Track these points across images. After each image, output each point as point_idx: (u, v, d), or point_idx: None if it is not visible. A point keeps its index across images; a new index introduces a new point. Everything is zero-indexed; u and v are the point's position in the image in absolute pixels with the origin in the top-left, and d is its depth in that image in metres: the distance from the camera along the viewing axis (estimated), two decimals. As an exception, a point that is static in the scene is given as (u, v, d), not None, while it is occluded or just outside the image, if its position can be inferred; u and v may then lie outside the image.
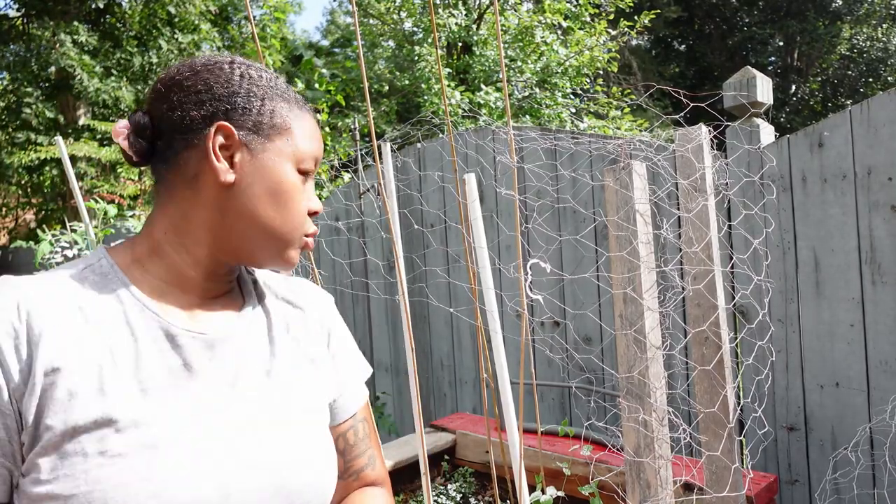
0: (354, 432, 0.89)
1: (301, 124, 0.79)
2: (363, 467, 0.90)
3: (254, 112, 0.75)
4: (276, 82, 0.78)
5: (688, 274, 1.54)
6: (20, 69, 8.54)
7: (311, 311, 0.88)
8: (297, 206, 0.77)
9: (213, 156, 0.73)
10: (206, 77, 0.75)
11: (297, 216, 0.78)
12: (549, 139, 2.90)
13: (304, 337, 0.85)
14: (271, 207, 0.75)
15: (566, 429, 2.32)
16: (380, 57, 10.76)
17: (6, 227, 10.66)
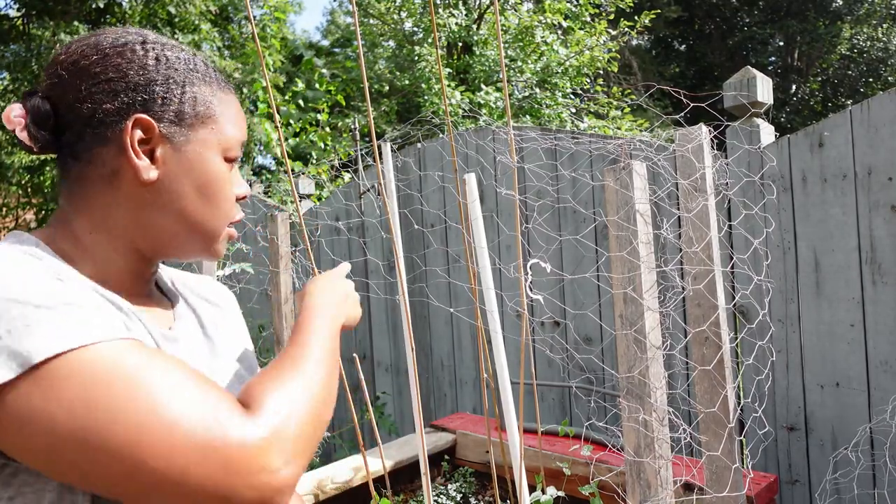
0: None
1: (225, 109, 0.75)
2: None
3: (175, 101, 0.69)
4: (195, 63, 0.73)
5: (688, 274, 1.54)
6: (20, 69, 8.54)
7: (226, 307, 0.90)
8: (226, 197, 0.75)
9: (132, 153, 0.67)
10: (117, 62, 0.68)
11: (226, 207, 0.75)
12: (550, 139, 2.90)
13: (228, 330, 0.86)
14: (199, 202, 0.72)
15: (566, 429, 2.32)
16: (380, 57, 10.76)
17: (6, 227, 10.67)
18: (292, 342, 0.70)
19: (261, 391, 0.60)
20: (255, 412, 0.57)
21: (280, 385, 0.61)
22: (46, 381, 0.51)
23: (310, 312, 0.76)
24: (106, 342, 0.55)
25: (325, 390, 0.66)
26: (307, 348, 0.69)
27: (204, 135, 0.71)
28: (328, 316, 0.77)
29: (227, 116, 0.75)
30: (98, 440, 0.51)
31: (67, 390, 0.51)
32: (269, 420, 0.57)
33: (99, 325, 0.56)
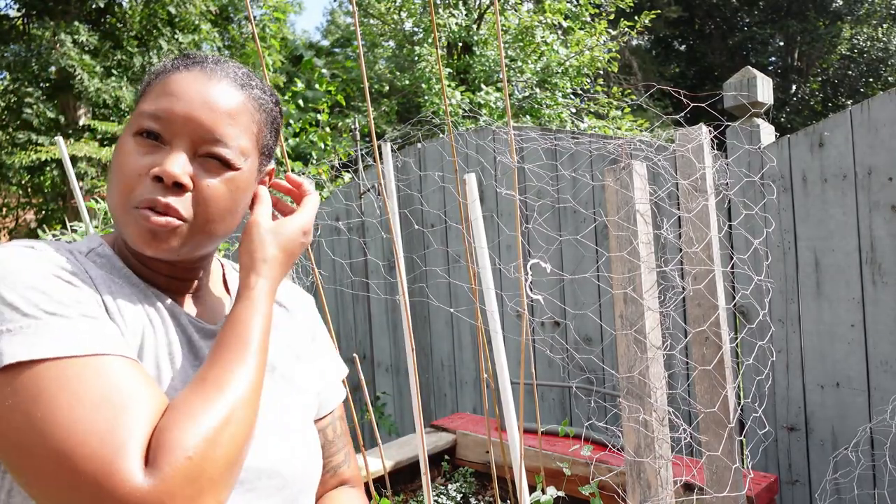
0: (333, 429, 0.92)
1: (157, 85, 0.71)
2: (340, 464, 0.93)
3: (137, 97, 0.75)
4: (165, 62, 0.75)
5: (688, 274, 1.54)
6: (20, 69, 8.54)
7: (296, 311, 0.89)
8: (120, 170, 0.68)
9: None
10: None
11: (120, 181, 0.68)
12: (550, 139, 2.90)
13: (292, 335, 0.86)
14: (110, 181, 0.71)
15: (566, 429, 2.32)
16: (380, 57, 10.76)
17: (6, 227, 10.66)
18: (224, 339, 0.65)
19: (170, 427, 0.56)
20: (154, 460, 0.53)
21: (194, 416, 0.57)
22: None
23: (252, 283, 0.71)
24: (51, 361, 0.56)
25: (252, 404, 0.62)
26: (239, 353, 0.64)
27: (132, 118, 0.72)
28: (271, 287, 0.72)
29: (150, 95, 0.71)
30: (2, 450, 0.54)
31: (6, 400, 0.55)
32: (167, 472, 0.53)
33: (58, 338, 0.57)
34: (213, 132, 0.70)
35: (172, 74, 0.71)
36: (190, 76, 0.71)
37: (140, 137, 0.69)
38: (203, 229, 0.71)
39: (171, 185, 0.67)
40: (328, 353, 0.94)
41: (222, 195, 0.71)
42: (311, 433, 0.82)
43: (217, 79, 0.72)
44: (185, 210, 0.68)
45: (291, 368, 0.82)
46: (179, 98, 0.69)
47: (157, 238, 0.67)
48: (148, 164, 0.68)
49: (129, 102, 8.55)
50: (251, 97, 0.74)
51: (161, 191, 0.67)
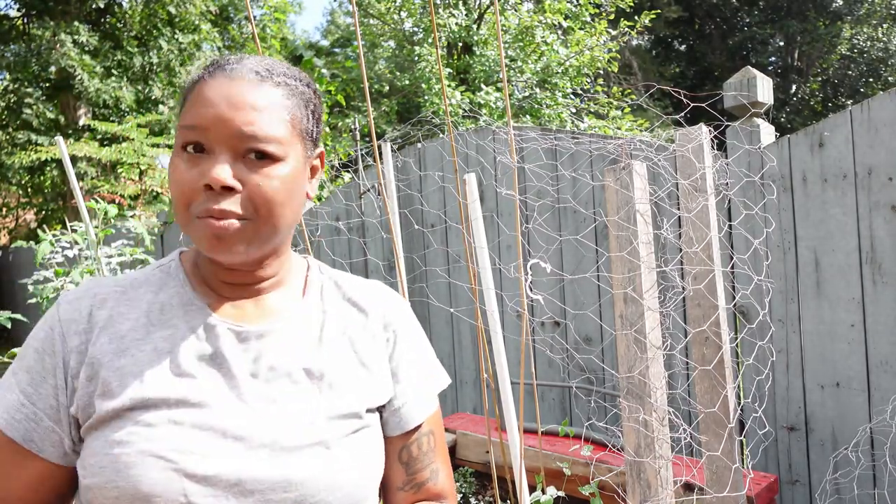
0: (418, 445, 0.87)
1: (193, 96, 0.74)
2: (425, 480, 0.87)
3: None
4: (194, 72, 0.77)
5: (688, 274, 1.54)
6: (21, 69, 8.54)
7: (374, 315, 0.86)
8: (176, 186, 0.73)
9: None
10: None
11: (179, 196, 0.72)
12: (550, 139, 2.90)
13: (361, 340, 0.83)
14: (173, 196, 0.74)
15: (566, 429, 2.32)
16: (380, 57, 10.76)
17: (6, 227, 10.67)
18: None
19: None
20: None
21: None
22: None
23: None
24: None
25: None
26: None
27: (176, 134, 0.75)
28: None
29: (186, 108, 0.74)
30: None
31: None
32: None
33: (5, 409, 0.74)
34: (244, 130, 0.71)
35: (200, 84, 0.74)
36: (215, 82, 0.73)
37: (185, 152, 0.72)
38: (265, 224, 0.73)
39: (221, 190, 0.71)
40: (415, 363, 0.88)
41: (273, 188, 0.73)
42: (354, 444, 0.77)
43: (238, 77, 0.74)
44: (241, 209, 0.72)
45: (346, 377, 0.80)
46: (208, 105, 0.72)
47: (224, 241, 0.71)
48: (197, 176, 0.71)
49: (129, 102, 8.55)
50: (276, 85, 0.75)
51: (214, 198, 0.71)
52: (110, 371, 0.72)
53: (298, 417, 0.74)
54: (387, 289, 0.92)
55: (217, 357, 0.75)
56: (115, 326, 0.75)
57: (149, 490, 0.66)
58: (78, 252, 2.79)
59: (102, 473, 0.68)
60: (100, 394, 0.71)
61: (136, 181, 8.05)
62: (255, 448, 0.71)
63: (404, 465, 0.86)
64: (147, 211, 7.86)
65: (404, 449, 0.86)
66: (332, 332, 0.82)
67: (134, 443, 0.68)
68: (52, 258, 2.94)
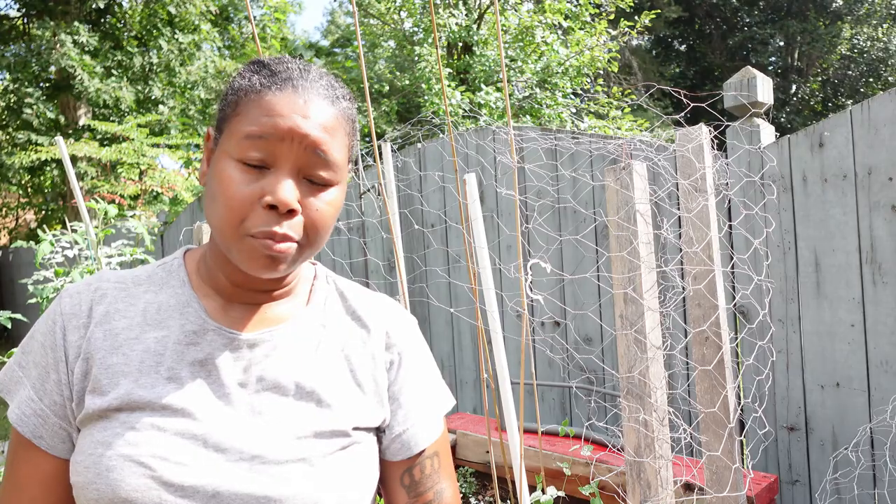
0: (421, 469, 0.84)
1: (252, 108, 0.71)
2: (430, 501, 0.85)
3: (221, 110, 0.75)
4: (248, 77, 0.73)
5: (688, 274, 1.54)
6: (21, 69, 8.54)
7: (377, 334, 0.84)
8: (227, 199, 0.69)
9: (202, 159, 0.77)
10: None
11: (228, 210, 0.69)
12: (550, 139, 2.90)
13: (358, 358, 0.81)
14: (211, 205, 0.72)
15: (566, 429, 2.32)
16: (380, 57, 10.76)
17: (7, 227, 10.67)
18: None
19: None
20: None
21: None
22: None
23: None
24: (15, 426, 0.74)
25: None
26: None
27: (226, 136, 0.72)
28: None
29: (248, 115, 0.70)
30: None
31: None
32: None
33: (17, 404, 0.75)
34: (315, 153, 0.70)
35: (266, 94, 0.70)
36: (284, 96, 0.70)
37: (242, 164, 0.70)
38: (311, 247, 0.73)
39: (286, 212, 0.69)
40: (418, 386, 0.85)
41: (327, 213, 0.72)
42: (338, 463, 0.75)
43: (312, 97, 0.71)
44: (298, 234, 0.70)
45: (338, 394, 0.77)
46: (281, 117, 0.69)
47: (276, 263, 0.70)
48: (258, 192, 0.69)
49: (130, 103, 8.55)
50: (342, 111, 0.74)
51: (276, 219, 0.69)
52: (101, 368, 0.71)
53: (283, 432, 0.72)
54: (393, 304, 0.89)
55: (207, 364, 0.73)
56: (110, 323, 0.74)
57: (126, 496, 0.66)
58: (78, 252, 2.79)
59: (85, 473, 0.68)
60: (90, 390, 0.71)
61: (136, 181, 8.04)
62: (235, 460, 0.69)
63: (406, 489, 0.83)
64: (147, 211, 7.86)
65: (406, 473, 0.83)
66: (329, 346, 0.80)
67: (116, 445, 0.68)
68: (52, 258, 2.94)
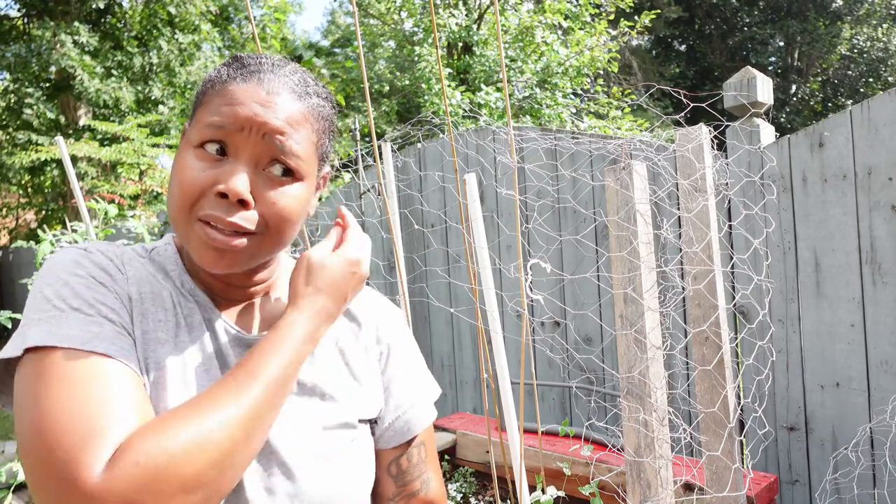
0: (408, 458, 0.86)
1: (215, 98, 0.70)
2: (416, 491, 0.87)
3: (193, 104, 0.74)
4: (220, 68, 0.73)
5: (688, 274, 1.54)
6: (21, 69, 8.54)
7: (367, 326, 0.85)
8: (180, 184, 0.68)
9: None
10: None
11: (180, 195, 0.68)
12: (550, 139, 2.90)
13: (352, 352, 0.82)
14: (170, 190, 0.70)
15: (566, 429, 2.32)
16: (380, 57, 10.76)
17: (7, 227, 10.67)
18: (237, 365, 0.66)
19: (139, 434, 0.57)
20: (113, 460, 0.55)
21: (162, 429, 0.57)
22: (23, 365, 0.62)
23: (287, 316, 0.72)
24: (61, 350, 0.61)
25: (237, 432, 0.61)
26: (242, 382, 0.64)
27: (190, 127, 0.72)
28: (311, 321, 0.72)
29: (211, 104, 0.70)
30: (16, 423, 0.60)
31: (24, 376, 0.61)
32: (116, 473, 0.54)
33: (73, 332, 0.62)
34: (276, 140, 0.69)
35: (230, 85, 0.70)
36: (248, 87, 0.70)
37: (202, 150, 0.69)
38: (270, 241, 0.71)
39: (236, 202, 0.68)
40: (409, 377, 0.87)
41: (288, 206, 0.71)
42: (348, 456, 0.76)
43: (276, 89, 0.71)
44: (250, 224, 0.68)
45: (338, 388, 0.79)
46: (241, 106, 0.68)
47: (225, 258, 0.68)
48: (212, 179, 0.68)
49: (130, 103, 8.55)
50: (310, 106, 0.73)
51: (225, 208, 0.67)
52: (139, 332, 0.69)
53: (296, 428, 0.73)
54: (380, 297, 0.90)
55: (224, 368, 0.73)
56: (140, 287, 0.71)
57: None
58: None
59: None
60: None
61: (136, 181, 8.05)
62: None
63: (393, 478, 0.85)
64: (147, 211, 7.86)
65: (393, 462, 0.85)
66: (324, 342, 0.80)
67: None
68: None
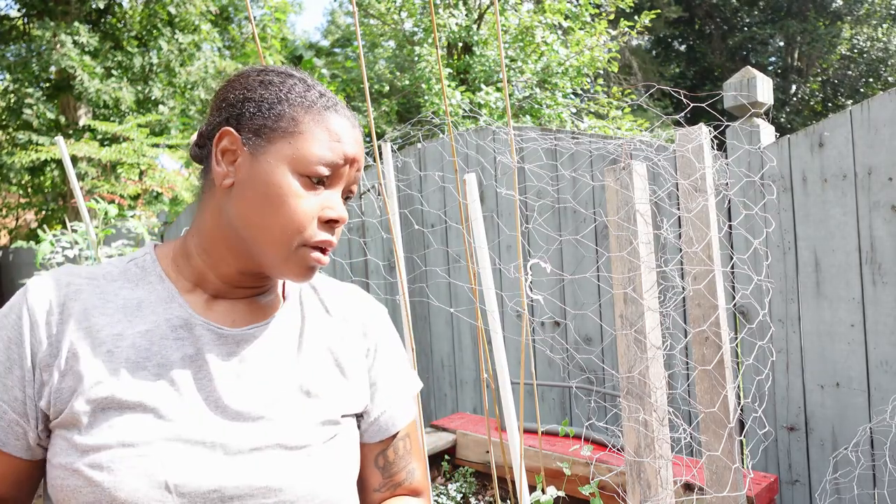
0: (395, 450, 0.88)
1: (317, 129, 0.74)
2: (402, 481, 0.89)
3: (260, 116, 0.75)
4: (297, 89, 0.76)
5: (688, 274, 1.54)
6: (21, 69, 8.54)
7: (353, 322, 0.87)
8: (291, 210, 0.72)
9: (215, 159, 0.76)
10: (231, 85, 0.79)
11: (291, 222, 0.72)
12: (550, 139, 2.90)
13: (339, 348, 0.83)
14: (262, 211, 0.73)
15: (566, 429, 2.32)
16: (380, 57, 10.76)
17: (7, 227, 10.67)
18: None
19: None
20: None
21: None
22: None
23: None
24: None
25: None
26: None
27: (279, 147, 0.74)
28: None
29: (315, 135, 0.74)
30: None
31: None
32: None
33: None
34: (358, 173, 0.78)
35: (327, 116, 0.76)
36: (343, 122, 0.77)
37: (307, 179, 0.74)
38: None
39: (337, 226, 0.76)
40: (394, 372, 0.89)
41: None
42: (331, 451, 0.77)
43: (355, 124, 0.79)
44: None
45: (325, 384, 0.80)
46: (347, 148, 0.76)
47: (314, 271, 0.76)
48: (317, 208, 0.74)
49: (129, 103, 8.55)
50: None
51: (331, 232, 0.76)
52: (86, 367, 0.69)
53: (281, 423, 0.73)
54: (364, 294, 0.92)
55: (197, 358, 0.74)
56: (90, 320, 0.72)
57: (126, 497, 0.65)
58: (78, 252, 2.79)
59: (74, 477, 0.66)
60: (73, 390, 0.69)
61: (136, 181, 8.05)
62: (233, 454, 0.70)
63: (380, 469, 0.87)
64: (147, 211, 7.86)
65: (381, 455, 0.87)
66: (311, 338, 0.82)
67: (110, 447, 0.66)
68: (52, 258, 2.94)
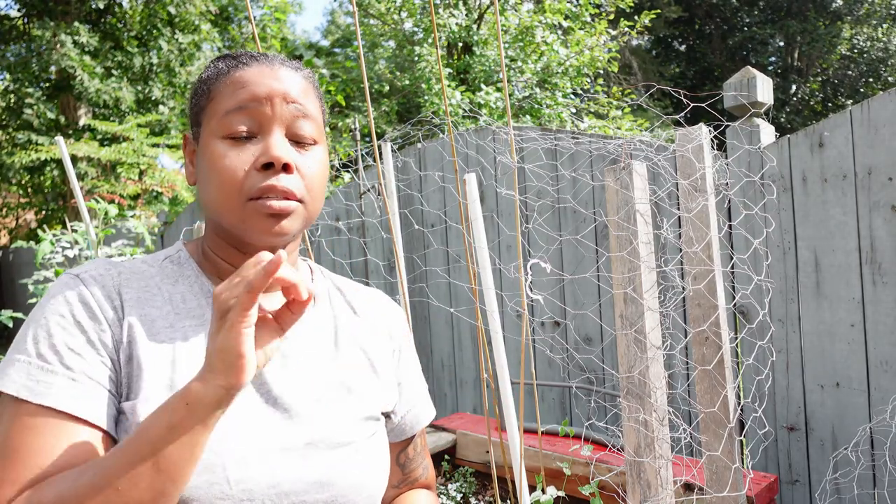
0: (414, 447, 0.92)
1: (223, 87, 0.72)
2: (418, 477, 0.93)
3: (196, 106, 0.75)
4: (217, 65, 0.75)
5: (688, 274, 1.54)
6: (21, 69, 8.54)
7: (380, 324, 0.88)
8: (221, 170, 0.69)
9: (186, 163, 0.79)
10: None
11: (224, 181, 0.69)
12: (550, 139, 2.90)
13: (371, 347, 0.85)
14: (208, 187, 0.72)
15: (566, 429, 2.32)
16: (380, 57, 10.76)
17: (7, 227, 10.67)
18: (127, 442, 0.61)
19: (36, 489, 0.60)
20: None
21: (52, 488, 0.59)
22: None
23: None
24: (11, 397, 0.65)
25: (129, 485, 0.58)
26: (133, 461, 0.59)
27: (206, 123, 0.74)
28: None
29: (222, 93, 0.72)
30: None
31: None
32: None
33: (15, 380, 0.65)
34: (297, 109, 0.72)
35: (234, 73, 0.73)
36: (252, 69, 0.73)
37: (229, 140, 0.71)
38: (312, 208, 0.73)
39: (282, 169, 0.69)
40: (415, 374, 0.92)
41: (318, 172, 0.74)
42: (373, 446, 0.78)
43: (278, 66, 0.74)
44: (299, 190, 0.70)
45: (363, 381, 0.81)
46: (257, 87, 0.71)
47: (280, 221, 0.69)
48: (250, 159, 0.70)
49: (129, 103, 8.55)
50: (307, 76, 0.76)
51: (273, 178, 0.69)
52: (146, 354, 0.68)
53: (329, 419, 0.74)
54: (386, 298, 0.94)
55: None
56: (144, 309, 0.71)
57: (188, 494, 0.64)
58: (78, 252, 2.79)
59: None
60: (136, 376, 0.68)
61: (136, 181, 8.05)
62: (288, 449, 0.70)
63: (401, 467, 0.90)
64: (147, 211, 7.86)
65: (402, 452, 0.90)
66: (345, 337, 0.83)
67: None
68: (52, 258, 2.94)
